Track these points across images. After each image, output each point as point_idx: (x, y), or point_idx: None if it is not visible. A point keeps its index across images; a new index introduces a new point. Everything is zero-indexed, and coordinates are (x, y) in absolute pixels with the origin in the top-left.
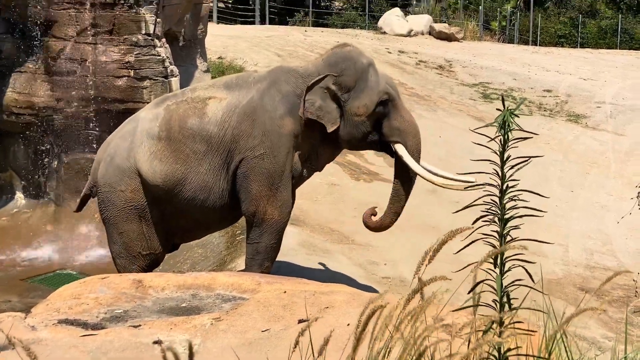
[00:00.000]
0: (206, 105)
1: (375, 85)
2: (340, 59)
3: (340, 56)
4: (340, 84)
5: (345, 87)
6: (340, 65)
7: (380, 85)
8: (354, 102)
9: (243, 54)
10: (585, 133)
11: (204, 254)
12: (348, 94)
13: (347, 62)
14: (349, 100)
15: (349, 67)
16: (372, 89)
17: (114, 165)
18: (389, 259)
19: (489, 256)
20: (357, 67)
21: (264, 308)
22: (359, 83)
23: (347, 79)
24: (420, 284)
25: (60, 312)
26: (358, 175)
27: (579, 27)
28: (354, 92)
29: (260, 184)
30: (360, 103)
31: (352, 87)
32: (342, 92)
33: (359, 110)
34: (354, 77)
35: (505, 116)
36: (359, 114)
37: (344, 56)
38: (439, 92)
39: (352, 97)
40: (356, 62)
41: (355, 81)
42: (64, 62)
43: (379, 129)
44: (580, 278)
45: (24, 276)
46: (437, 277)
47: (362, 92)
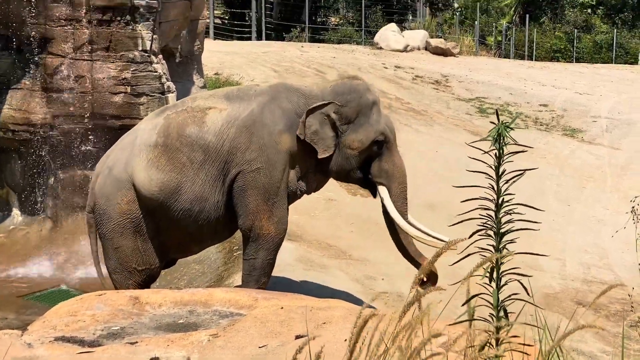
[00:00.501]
0: (206, 115)
1: (375, 124)
2: (348, 90)
3: (347, 87)
4: (341, 114)
5: (346, 119)
6: (345, 96)
7: (380, 125)
8: (350, 135)
9: (240, 70)
10: (581, 147)
11: (201, 269)
12: (347, 125)
13: (353, 94)
14: (346, 132)
15: (353, 100)
16: (371, 126)
17: (112, 176)
18: (386, 274)
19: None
20: (362, 101)
21: (261, 324)
22: (360, 117)
23: (349, 111)
24: (416, 295)
25: (56, 329)
26: (355, 191)
27: (574, 42)
28: (353, 126)
29: (256, 198)
30: (356, 137)
31: (352, 119)
32: (342, 122)
33: (354, 144)
34: (356, 110)
35: (500, 130)
36: (352, 147)
37: (351, 88)
38: (436, 107)
39: (350, 130)
40: (362, 97)
41: (357, 115)
42: (60, 79)
43: (368, 167)
44: (577, 292)
45: (21, 293)
46: (433, 288)
47: (361, 127)
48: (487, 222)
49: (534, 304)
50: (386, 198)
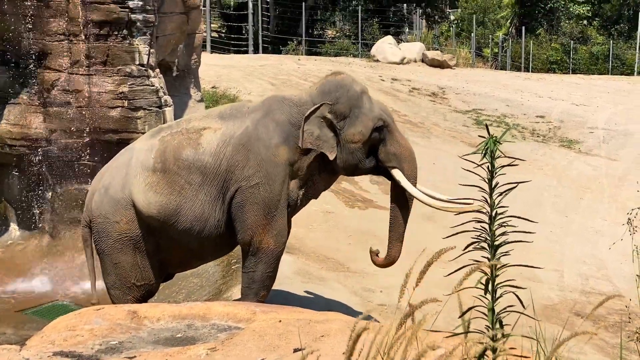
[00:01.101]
0: (201, 136)
1: (370, 112)
2: (334, 87)
3: (333, 84)
4: (335, 112)
5: (341, 115)
6: (334, 94)
7: (375, 112)
8: (349, 130)
9: (237, 83)
10: (578, 158)
11: (199, 283)
12: (343, 121)
13: (340, 90)
14: (345, 128)
15: (342, 95)
16: (366, 116)
17: (108, 196)
18: (384, 286)
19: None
20: (351, 94)
21: (259, 337)
22: (353, 110)
23: (342, 107)
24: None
25: (55, 344)
26: (353, 203)
27: (570, 53)
28: (349, 120)
29: (255, 213)
30: (355, 130)
31: (347, 114)
32: (338, 120)
33: (355, 137)
34: (348, 104)
35: (489, 143)
36: (355, 140)
37: (337, 84)
38: (432, 119)
39: (348, 125)
40: (349, 90)
41: (350, 109)
42: (58, 93)
43: (375, 155)
44: (576, 303)
45: (19, 308)
46: (428, 299)
47: (357, 119)
48: (481, 235)
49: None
50: (402, 179)
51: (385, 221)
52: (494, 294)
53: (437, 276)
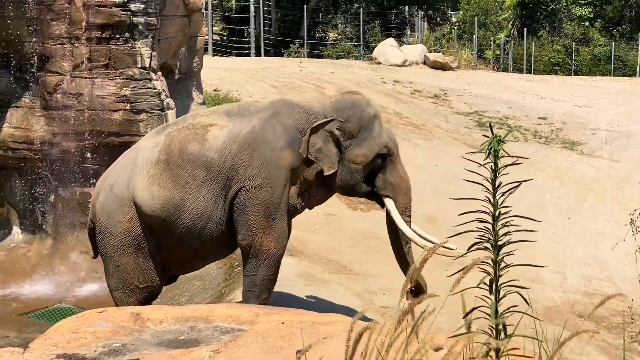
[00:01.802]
0: (207, 132)
1: (378, 137)
2: (349, 105)
3: (349, 102)
4: (344, 130)
5: (349, 134)
6: (347, 112)
7: (383, 138)
8: (354, 150)
9: (239, 86)
10: (581, 160)
11: (202, 285)
12: (350, 140)
13: (354, 109)
14: (350, 147)
15: (355, 115)
16: (374, 140)
17: (113, 194)
18: (387, 288)
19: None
20: (364, 116)
21: (262, 339)
22: (362, 132)
23: (352, 126)
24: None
25: (58, 346)
26: (355, 205)
27: (572, 54)
28: (356, 140)
29: (257, 214)
30: (360, 152)
31: (355, 134)
32: (345, 138)
33: (358, 158)
34: (358, 125)
35: (493, 143)
36: (357, 162)
37: (352, 103)
38: (434, 121)
39: (354, 145)
40: (363, 111)
41: (359, 129)
42: (60, 97)
43: (373, 181)
44: (579, 305)
45: (22, 311)
46: (426, 295)
47: (364, 142)
48: (484, 235)
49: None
50: (393, 210)
51: None
52: (497, 294)
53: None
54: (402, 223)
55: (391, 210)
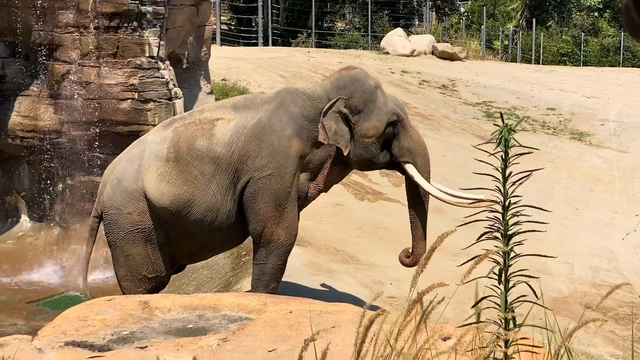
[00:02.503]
0: (214, 127)
1: (384, 107)
2: (349, 81)
3: (348, 79)
4: (350, 107)
5: (355, 110)
6: (349, 88)
7: (389, 106)
8: (363, 124)
9: (246, 76)
10: (589, 151)
11: (209, 275)
12: (358, 115)
13: (355, 84)
14: (359, 122)
15: (357, 89)
16: (381, 110)
17: (121, 188)
18: (394, 279)
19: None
20: (365, 89)
21: (270, 328)
22: (368, 105)
23: (357, 101)
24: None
25: (66, 334)
26: (362, 195)
27: (581, 45)
28: (364, 114)
29: (267, 204)
30: (370, 125)
31: (361, 109)
32: (353, 114)
33: (369, 131)
34: (362, 99)
35: (503, 132)
36: (369, 135)
37: (351, 78)
38: (443, 111)
39: (362, 119)
40: (364, 84)
41: (365, 103)
42: (68, 86)
43: (389, 150)
44: (586, 296)
45: (30, 299)
46: (436, 284)
47: (372, 114)
48: (494, 225)
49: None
50: (416, 174)
51: (395, 214)
52: (506, 283)
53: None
54: (427, 185)
55: (414, 175)
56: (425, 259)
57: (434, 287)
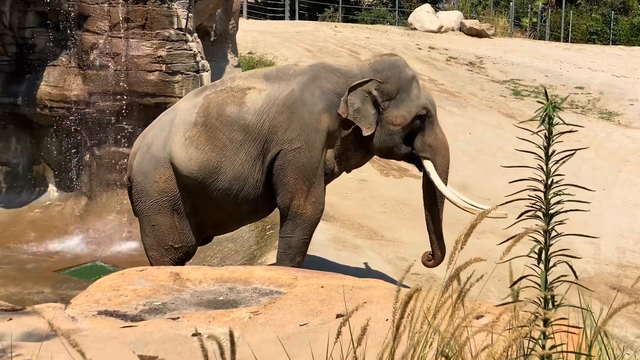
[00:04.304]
0: (245, 95)
1: (416, 99)
2: (387, 66)
3: (387, 64)
4: (382, 91)
5: (387, 95)
6: (385, 73)
7: (421, 100)
8: (392, 111)
9: (273, 49)
10: (617, 131)
11: (234, 248)
12: (388, 102)
13: (392, 70)
14: (388, 109)
15: (393, 76)
16: (412, 101)
17: (150, 154)
18: (418, 255)
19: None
20: (402, 77)
21: (302, 302)
22: (400, 93)
23: (390, 87)
24: (456, 270)
25: (99, 303)
26: (387, 172)
27: (611, 23)
28: (395, 102)
29: (296, 177)
30: (398, 113)
31: (393, 96)
32: (383, 99)
33: (397, 120)
34: (397, 86)
35: (548, 109)
36: (395, 123)
37: (390, 64)
38: (469, 88)
39: (392, 106)
40: (401, 72)
41: (398, 91)
42: (96, 57)
43: (411, 142)
44: (611, 277)
45: (57, 268)
46: (472, 259)
47: (402, 103)
48: (535, 203)
49: (584, 286)
50: (432, 172)
51: (420, 191)
52: (547, 263)
53: (489, 246)
54: (441, 184)
55: (430, 172)
56: (465, 235)
57: (471, 263)
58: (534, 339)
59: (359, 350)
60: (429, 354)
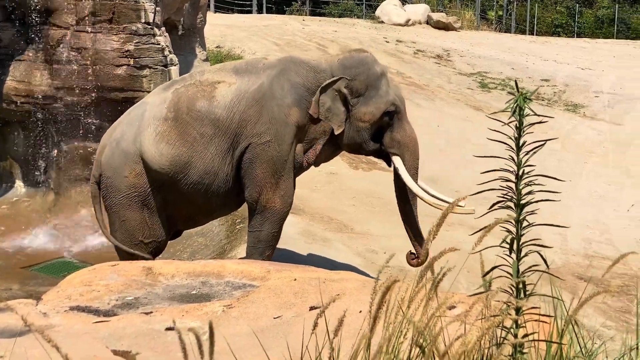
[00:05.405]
0: (215, 89)
1: (385, 95)
2: (356, 63)
3: (356, 60)
4: (351, 88)
5: (356, 92)
6: (354, 70)
7: (390, 96)
8: (361, 108)
9: (241, 43)
10: (583, 123)
11: (203, 242)
12: (357, 99)
13: (361, 67)
14: (357, 106)
15: (362, 73)
16: (381, 98)
17: (119, 149)
18: (387, 248)
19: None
20: (371, 74)
21: (275, 295)
22: (369, 90)
23: (359, 84)
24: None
25: (71, 298)
26: (357, 165)
27: (575, 16)
28: (363, 99)
29: (264, 171)
30: (367, 110)
31: (362, 92)
32: (352, 96)
33: (365, 116)
34: (365, 83)
35: (519, 101)
36: (364, 120)
37: (359, 61)
38: (437, 81)
39: (361, 103)
40: (370, 69)
41: (367, 87)
42: (63, 51)
43: (380, 139)
44: (578, 267)
45: (24, 264)
46: (447, 249)
47: (371, 100)
48: (507, 194)
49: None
50: (401, 167)
51: (389, 184)
52: (518, 252)
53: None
54: (410, 181)
55: (399, 168)
56: (436, 226)
57: (445, 253)
58: (506, 328)
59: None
60: (403, 344)
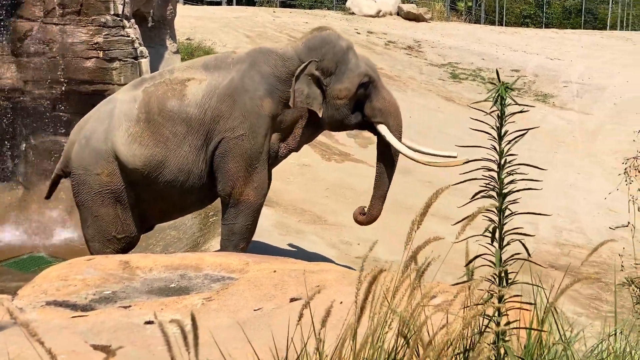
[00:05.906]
0: (185, 87)
1: (356, 68)
2: (320, 43)
3: (319, 40)
4: (322, 69)
5: (327, 72)
6: (320, 50)
7: (361, 68)
8: (335, 86)
9: (212, 35)
10: (552, 112)
11: (176, 235)
12: (330, 77)
13: (326, 46)
14: (331, 84)
15: (329, 51)
16: (352, 72)
17: (90, 147)
18: (361, 239)
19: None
20: (337, 50)
21: (255, 287)
22: (339, 66)
23: (328, 63)
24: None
25: (47, 293)
26: (329, 156)
27: (543, 7)
28: (335, 76)
29: (237, 164)
30: (342, 86)
31: (333, 71)
32: (325, 76)
33: (341, 93)
34: (334, 60)
35: (500, 90)
36: (340, 97)
37: (323, 40)
38: (408, 72)
39: (334, 81)
40: (335, 46)
41: (336, 65)
42: (31, 43)
43: (361, 110)
44: (549, 255)
45: None
46: (431, 238)
47: (343, 75)
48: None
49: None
50: (388, 135)
51: (362, 175)
52: (501, 241)
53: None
54: (399, 145)
55: (386, 135)
56: (421, 215)
57: (429, 242)
58: (489, 316)
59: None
60: (388, 334)
